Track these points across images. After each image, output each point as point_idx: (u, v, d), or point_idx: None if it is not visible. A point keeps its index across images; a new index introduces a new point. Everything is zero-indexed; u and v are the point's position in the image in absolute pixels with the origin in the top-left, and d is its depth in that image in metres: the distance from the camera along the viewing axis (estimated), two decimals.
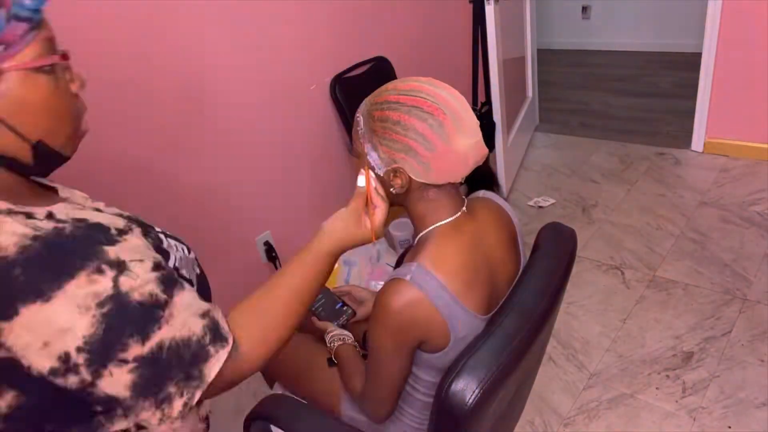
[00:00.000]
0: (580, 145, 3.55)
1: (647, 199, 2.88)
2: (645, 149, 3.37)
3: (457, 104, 0.93)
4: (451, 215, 0.98)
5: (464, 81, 3.21)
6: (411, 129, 0.91)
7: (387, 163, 0.94)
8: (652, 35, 4.97)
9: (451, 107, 0.92)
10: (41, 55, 0.68)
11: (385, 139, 0.93)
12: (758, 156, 3.05)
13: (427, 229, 0.99)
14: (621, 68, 4.82)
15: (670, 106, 3.88)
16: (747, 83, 2.94)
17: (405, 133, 0.91)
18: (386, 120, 0.92)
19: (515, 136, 3.19)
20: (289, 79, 2.20)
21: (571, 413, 1.80)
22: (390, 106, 0.93)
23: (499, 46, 2.62)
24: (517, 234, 1.13)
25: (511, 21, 2.99)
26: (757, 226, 2.53)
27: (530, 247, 1.13)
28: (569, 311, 2.21)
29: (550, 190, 3.07)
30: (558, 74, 4.87)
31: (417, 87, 0.94)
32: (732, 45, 2.92)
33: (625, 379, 1.89)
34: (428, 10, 2.83)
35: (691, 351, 1.95)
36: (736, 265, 2.31)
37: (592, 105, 4.18)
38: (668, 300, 2.19)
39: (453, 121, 0.91)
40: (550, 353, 2.03)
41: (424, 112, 0.91)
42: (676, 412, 1.75)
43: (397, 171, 0.93)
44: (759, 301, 2.11)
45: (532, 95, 3.67)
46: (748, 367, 1.86)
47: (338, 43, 2.41)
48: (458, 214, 0.99)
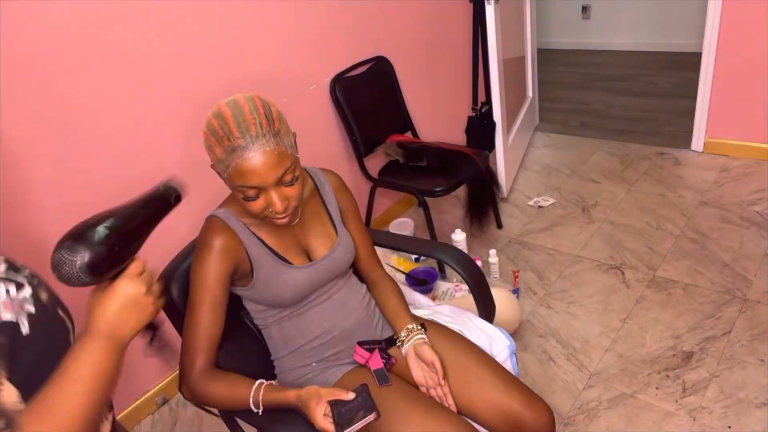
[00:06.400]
0: (580, 145, 3.55)
1: (647, 199, 2.88)
2: (645, 149, 3.37)
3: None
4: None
5: (464, 81, 3.22)
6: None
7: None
8: (652, 35, 4.97)
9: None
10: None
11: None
12: (758, 156, 3.05)
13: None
14: (621, 68, 4.82)
15: (670, 106, 3.88)
16: (747, 83, 2.94)
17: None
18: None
19: (515, 136, 3.19)
20: (289, 79, 2.20)
21: (571, 413, 1.80)
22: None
23: (499, 46, 2.63)
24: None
25: (511, 21, 2.99)
26: (757, 226, 2.53)
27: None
28: (569, 311, 2.21)
29: (550, 190, 3.07)
30: (558, 74, 4.87)
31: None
32: (732, 45, 2.92)
33: (625, 379, 1.89)
34: (428, 10, 2.83)
35: (691, 351, 1.95)
36: (736, 265, 2.31)
37: (592, 105, 4.18)
38: (668, 300, 2.19)
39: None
40: (550, 353, 2.03)
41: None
42: (676, 412, 1.75)
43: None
44: (759, 301, 2.11)
45: (532, 95, 3.67)
46: (748, 367, 1.86)
47: (338, 43, 2.41)
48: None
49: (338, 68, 2.42)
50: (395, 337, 1.30)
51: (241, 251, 1.18)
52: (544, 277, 2.42)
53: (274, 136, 1.04)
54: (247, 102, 1.06)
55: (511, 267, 2.48)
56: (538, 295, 2.32)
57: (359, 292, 1.34)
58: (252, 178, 1.04)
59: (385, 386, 1.19)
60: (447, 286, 2.24)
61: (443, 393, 1.20)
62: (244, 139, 1.02)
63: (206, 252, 1.15)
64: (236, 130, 1.02)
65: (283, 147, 1.05)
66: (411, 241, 1.67)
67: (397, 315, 1.31)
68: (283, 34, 2.16)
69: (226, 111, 1.05)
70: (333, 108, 2.43)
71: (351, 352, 1.28)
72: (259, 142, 1.02)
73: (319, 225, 1.29)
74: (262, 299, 1.24)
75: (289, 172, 1.07)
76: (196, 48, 1.88)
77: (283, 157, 1.05)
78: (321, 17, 2.29)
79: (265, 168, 1.03)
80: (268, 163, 1.03)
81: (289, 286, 1.21)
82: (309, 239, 1.27)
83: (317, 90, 2.36)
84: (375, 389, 1.18)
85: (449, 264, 1.48)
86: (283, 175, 1.06)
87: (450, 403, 1.19)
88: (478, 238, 2.63)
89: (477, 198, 2.49)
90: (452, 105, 3.16)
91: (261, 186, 1.06)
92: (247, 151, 1.02)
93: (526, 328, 2.16)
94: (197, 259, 1.16)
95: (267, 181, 1.05)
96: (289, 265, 1.22)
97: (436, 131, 2.90)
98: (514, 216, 2.89)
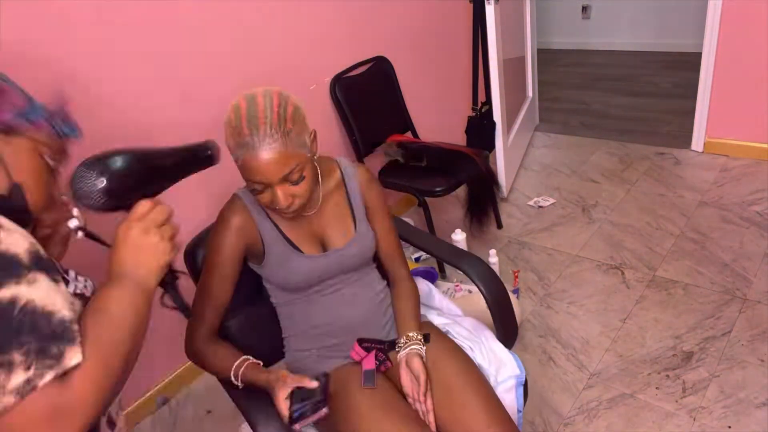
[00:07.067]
0: (580, 145, 3.55)
1: (647, 198, 2.88)
2: (645, 149, 3.37)
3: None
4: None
5: (464, 81, 3.22)
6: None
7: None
8: (652, 35, 4.97)
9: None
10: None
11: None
12: (758, 156, 3.05)
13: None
14: (621, 68, 4.82)
15: (670, 106, 3.88)
16: (747, 83, 2.94)
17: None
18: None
19: (515, 136, 3.19)
20: (289, 79, 2.20)
21: (571, 413, 1.80)
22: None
23: (499, 46, 2.63)
24: None
25: (511, 21, 2.99)
26: (757, 226, 2.53)
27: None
28: (569, 311, 2.21)
29: (550, 190, 3.07)
30: (558, 74, 4.87)
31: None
32: (732, 45, 2.92)
33: (625, 379, 1.89)
34: (428, 10, 2.83)
35: (691, 351, 1.95)
36: (736, 265, 2.31)
37: (592, 105, 4.18)
38: (668, 300, 2.19)
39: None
40: (550, 353, 2.03)
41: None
42: (676, 412, 1.75)
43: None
44: (759, 301, 2.11)
45: (532, 95, 3.67)
46: (748, 367, 1.86)
47: (338, 43, 2.41)
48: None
49: (338, 68, 2.42)
50: (397, 341, 1.30)
51: (254, 233, 1.22)
52: (544, 277, 2.42)
53: (283, 136, 1.05)
54: (265, 98, 1.07)
55: (511, 267, 2.48)
56: (538, 295, 2.32)
57: (374, 288, 1.34)
58: (256, 175, 1.07)
59: (369, 388, 1.19)
60: (447, 286, 2.24)
61: (426, 408, 1.19)
62: (252, 137, 1.04)
63: (222, 228, 1.22)
64: (246, 126, 1.04)
65: (291, 147, 1.06)
66: (440, 244, 1.64)
67: (404, 320, 1.31)
68: (284, 34, 2.16)
69: (243, 105, 1.07)
70: (333, 108, 2.43)
71: (351, 347, 1.28)
72: (266, 141, 1.04)
73: (339, 218, 1.30)
74: (272, 280, 1.29)
75: (295, 172, 1.08)
76: (196, 48, 1.88)
77: (289, 157, 1.06)
78: (321, 17, 2.29)
79: (269, 167, 1.05)
80: (273, 162, 1.05)
81: (297, 272, 1.24)
82: (326, 230, 1.28)
83: (317, 90, 2.36)
84: (359, 389, 1.19)
85: (471, 278, 1.39)
86: (288, 174, 1.08)
87: (430, 421, 1.18)
88: (478, 238, 2.63)
89: (477, 198, 2.49)
90: (452, 105, 3.16)
91: (265, 183, 1.08)
92: (252, 149, 1.04)
93: (526, 328, 2.16)
94: (214, 232, 1.23)
95: (271, 179, 1.07)
96: (299, 252, 1.23)
97: (436, 131, 2.90)
98: (514, 216, 2.89)
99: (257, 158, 1.05)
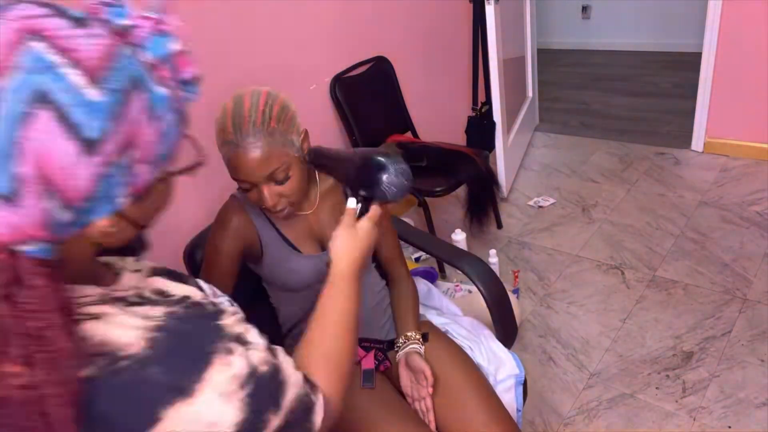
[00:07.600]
0: (580, 145, 3.55)
1: (647, 199, 2.88)
2: (645, 149, 3.37)
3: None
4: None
5: (464, 81, 3.22)
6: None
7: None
8: (652, 35, 4.97)
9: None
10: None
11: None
12: (758, 156, 3.05)
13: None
14: (621, 68, 4.82)
15: (670, 106, 3.88)
16: (747, 83, 2.94)
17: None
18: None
19: (515, 136, 3.19)
20: (289, 79, 2.20)
21: (571, 413, 1.80)
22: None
23: (499, 46, 2.63)
24: None
25: (511, 21, 2.99)
26: (757, 226, 2.53)
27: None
28: (569, 311, 2.21)
29: (550, 190, 3.07)
30: (558, 74, 4.87)
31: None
32: (732, 45, 2.92)
33: (625, 379, 1.89)
34: (428, 10, 2.83)
35: (691, 351, 1.95)
36: (736, 265, 2.31)
37: (592, 105, 4.18)
38: (668, 300, 2.19)
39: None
40: (550, 353, 2.03)
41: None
42: (676, 412, 1.75)
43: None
44: (759, 301, 2.11)
45: (532, 95, 3.67)
46: (748, 367, 1.86)
47: (338, 43, 2.41)
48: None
49: (338, 68, 2.42)
50: (395, 341, 1.30)
51: (252, 233, 1.22)
52: (544, 277, 2.42)
53: (266, 136, 1.04)
54: (252, 97, 1.07)
55: (511, 267, 2.48)
56: (538, 295, 2.32)
57: (373, 288, 1.34)
58: (239, 173, 1.07)
59: (368, 388, 1.19)
60: (447, 286, 2.24)
61: (426, 407, 1.19)
62: (235, 135, 1.04)
63: (220, 228, 1.22)
64: (230, 125, 1.04)
65: (275, 146, 1.05)
66: (440, 244, 1.64)
67: (403, 320, 1.31)
68: (283, 34, 2.16)
69: (229, 105, 1.07)
70: (333, 108, 2.43)
71: None
72: (248, 140, 1.03)
73: (336, 218, 1.30)
74: (271, 280, 1.28)
75: (279, 171, 1.07)
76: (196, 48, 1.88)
77: (272, 156, 1.05)
78: (321, 17, 2.28)
79: (251, 165, 1.05)
80: (255, 160, 1.05)
81: (295, 272, 1.23)
82: (324, 230, 1.27)
83: (317, 90, 2.36)
84: (357, 389, 1.18)
85: (471, 278, 1.40)
86: (272, 174, 1.07)
87: (430, 420, 1.18)
88: (478, 238, 2.63)
89: (477, 198, 2.48)
90: (452, 105, 3.16)
91: (249, 181, 1.08)
92: (236, 147, 1.04)
93: (526, 328, 2.16)
94: (212, 232, 1.23)
95: (254, 178, 1.07)
96: (297, 252, 1.23)
97: (436, 131, 2.90)
98: (514, 216, 2.89)
99: (239, 157, 1.05)
